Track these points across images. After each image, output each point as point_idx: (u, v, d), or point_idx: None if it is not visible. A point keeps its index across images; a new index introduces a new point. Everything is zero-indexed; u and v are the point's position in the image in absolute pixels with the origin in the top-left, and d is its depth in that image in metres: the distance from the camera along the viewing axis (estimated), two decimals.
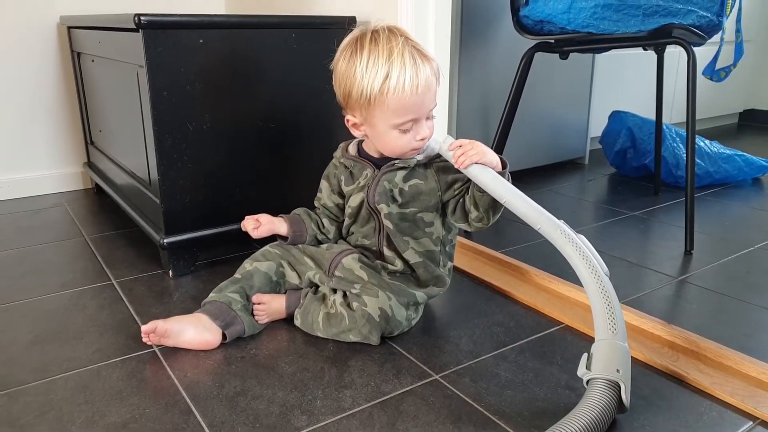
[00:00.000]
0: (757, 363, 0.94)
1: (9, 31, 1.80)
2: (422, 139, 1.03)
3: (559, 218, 0.93)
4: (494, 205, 1.01)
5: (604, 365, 0.81)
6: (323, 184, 1.19)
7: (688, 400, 0.89)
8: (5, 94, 1.83)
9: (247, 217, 1.15)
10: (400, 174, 1.07)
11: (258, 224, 1.13)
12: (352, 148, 1.14)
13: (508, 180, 0.99)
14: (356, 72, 0.99)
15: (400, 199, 1.07)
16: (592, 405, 0.77)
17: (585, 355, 0.84)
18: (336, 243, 1.17)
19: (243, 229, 1.14)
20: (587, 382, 0.83)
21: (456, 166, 0.98)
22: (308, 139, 1.43)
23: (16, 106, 1.86)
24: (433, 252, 1.10)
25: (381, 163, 1.09)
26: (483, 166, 0.96)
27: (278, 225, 1.15)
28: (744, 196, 1.93)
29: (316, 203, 1.21)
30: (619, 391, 0.80)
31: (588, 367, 0.82)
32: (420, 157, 1.07)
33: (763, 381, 0.91)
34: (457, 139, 1.00)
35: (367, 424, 0.83)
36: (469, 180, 1.01)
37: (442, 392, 0.91)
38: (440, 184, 1.07)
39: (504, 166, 1.00)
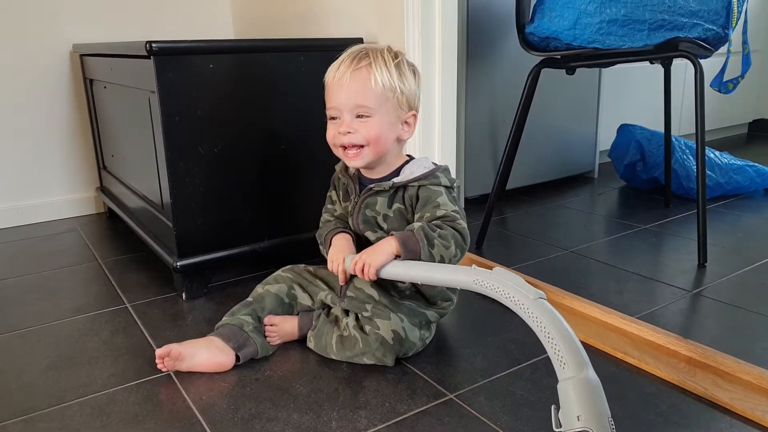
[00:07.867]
0: None
1: (23, 60, 1.83)
2: (346, 134, 1.03)
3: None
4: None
5: (564, 417, 0.75)
6: (333, 195, 1.18)
7: (707, 417, 0.88)
8: (19, 120, 1.86)
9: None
10: (381, 200, 1.07)
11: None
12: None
13: (418, 243, 0.98)
14: None
15: (385, 225, 1.08)
16: None
17: (553, 407, 0.77)
18: None
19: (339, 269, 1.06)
20: None
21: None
22: (318, 160, 1.43)
23: (30, 133, 1.89)
24: None
25: (365, 182, 1.10)
26: (386, 266, 0.99)
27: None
28: (756, 207, 1.92)
29: (328, 217, 1.17)
30: None
31: (558, 424, 0.76)
32: (397, 180, 1.07)
33: None
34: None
35: None
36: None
37: (457, 412, 0.90)
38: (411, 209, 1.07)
39: (415, 243, 0.99)
